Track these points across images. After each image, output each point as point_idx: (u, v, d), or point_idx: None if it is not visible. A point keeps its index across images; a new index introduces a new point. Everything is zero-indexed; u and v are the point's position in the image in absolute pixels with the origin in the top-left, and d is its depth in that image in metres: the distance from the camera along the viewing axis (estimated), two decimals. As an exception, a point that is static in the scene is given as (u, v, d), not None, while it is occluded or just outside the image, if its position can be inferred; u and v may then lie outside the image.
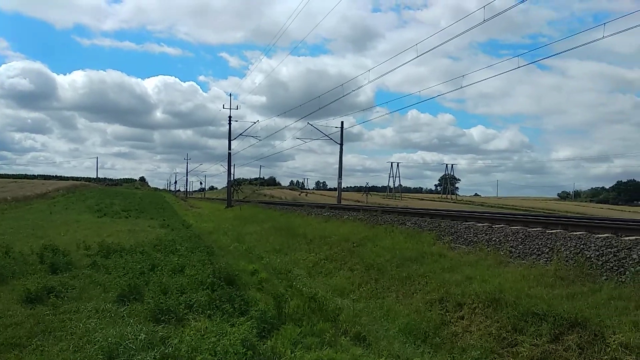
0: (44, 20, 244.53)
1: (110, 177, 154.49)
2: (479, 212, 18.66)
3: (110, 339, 5.64)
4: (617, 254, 8.35)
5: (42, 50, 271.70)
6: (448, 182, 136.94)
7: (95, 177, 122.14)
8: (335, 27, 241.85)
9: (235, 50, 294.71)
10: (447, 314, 7.96)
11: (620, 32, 13.93)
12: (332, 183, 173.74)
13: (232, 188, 55.54)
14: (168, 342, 5.65)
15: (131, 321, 6.58)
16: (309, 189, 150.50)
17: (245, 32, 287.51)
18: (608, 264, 8.16)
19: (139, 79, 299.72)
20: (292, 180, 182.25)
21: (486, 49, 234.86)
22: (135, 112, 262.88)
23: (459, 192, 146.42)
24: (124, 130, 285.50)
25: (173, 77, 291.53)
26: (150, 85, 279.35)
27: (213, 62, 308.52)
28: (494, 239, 11.36)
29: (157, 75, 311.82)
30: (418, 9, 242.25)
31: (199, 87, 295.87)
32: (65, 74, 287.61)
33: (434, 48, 32.46)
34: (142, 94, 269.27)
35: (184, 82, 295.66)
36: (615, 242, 8.87)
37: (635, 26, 13.63)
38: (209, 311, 7.18)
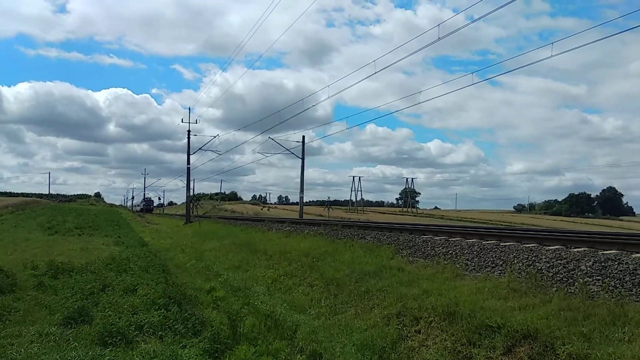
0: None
1: (64, 192, 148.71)
2: (436, 226, 18.94)
3: (52, 365, 5.35)
4: (567, 265, 8.60)
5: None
6: (409, 196, 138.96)
7: (47, 193, 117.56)
8: (290, 40, 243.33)
9: (189, 62, 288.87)
10: (404, 328, 7.96)
11: (567, 51, 14.56)
12: (294, 197, 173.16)
13: (191, 203, 54.58)
14: (115, 367, 5.40)
15: (77, 345, 6.27)
16: (271, 204, 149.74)
17: (197, 44, 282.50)
18: (558, 275, 8.39)
19: (89, 91, 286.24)
20: (254, 195, 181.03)
21: (439, 64, 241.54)
22: (86, 125, 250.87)
23: (420, 206, 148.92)
24: (76, 144, 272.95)
25: (125, 89, 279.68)
26: (102, 98, 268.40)
27: (166, 74, 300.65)
28: (450, 252, 11.52)
29: (109, 88, 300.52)
30: (371, 24, 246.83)
31: (153, 99, 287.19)
32: (9, 86, 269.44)
33: (391, 65, 33.17)
34: (93, 106, 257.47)
35: (137, 94, 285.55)
36: (565, 254, 9.15)
37: (582, 45, 14.32)
38: (160, 332, 6.92)
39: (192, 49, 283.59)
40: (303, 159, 44.97)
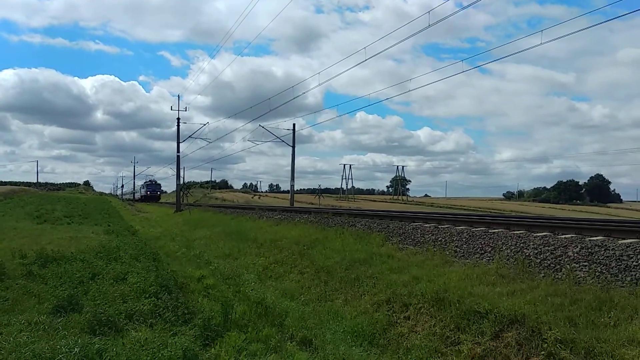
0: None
1: (52, 181, 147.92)
2: (425, 213, 19.07)
3: (41, 353, 5.33)
4: (554, 251, 8.70)
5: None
6: (399, 184, 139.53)
7: (35, 181, 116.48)
8: (278, 27, 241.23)
9: (176, 49, 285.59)
10: (394, 314, 8.03)
11: (556, 38, 14.61)
12: (285, 185, 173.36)
13: (181, 192, 54.38)
14: (105, 355, 5.39)
15: (66, 333, 6.24)
16: (262, 192, 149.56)
17: (184, 30, 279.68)
18: (546, 261, 8.50)
19: (76, 78, 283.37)
20: (245, 183, 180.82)
21: (428, 51, 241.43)
22: (73, 113, 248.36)
23: (410, 193, 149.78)
24: (63, 132, 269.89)
25: (112, 77, 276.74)
26: (88, 85, 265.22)
27: (153, 61, 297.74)
28: (440, 239, 11.60)
29: (95, 75, 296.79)
30: (360, 10, 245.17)
31: (140, 87, 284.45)
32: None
33: (381, 52, 33.07)
34: (79, 93, 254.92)
35: (125, 81, 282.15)
36: (552, 241, 9.25)
37: (571, 33, 14.35)
38: (150, 320, 6.92)
39: (179, 35, 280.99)
40: (294, 147, 44.93)
